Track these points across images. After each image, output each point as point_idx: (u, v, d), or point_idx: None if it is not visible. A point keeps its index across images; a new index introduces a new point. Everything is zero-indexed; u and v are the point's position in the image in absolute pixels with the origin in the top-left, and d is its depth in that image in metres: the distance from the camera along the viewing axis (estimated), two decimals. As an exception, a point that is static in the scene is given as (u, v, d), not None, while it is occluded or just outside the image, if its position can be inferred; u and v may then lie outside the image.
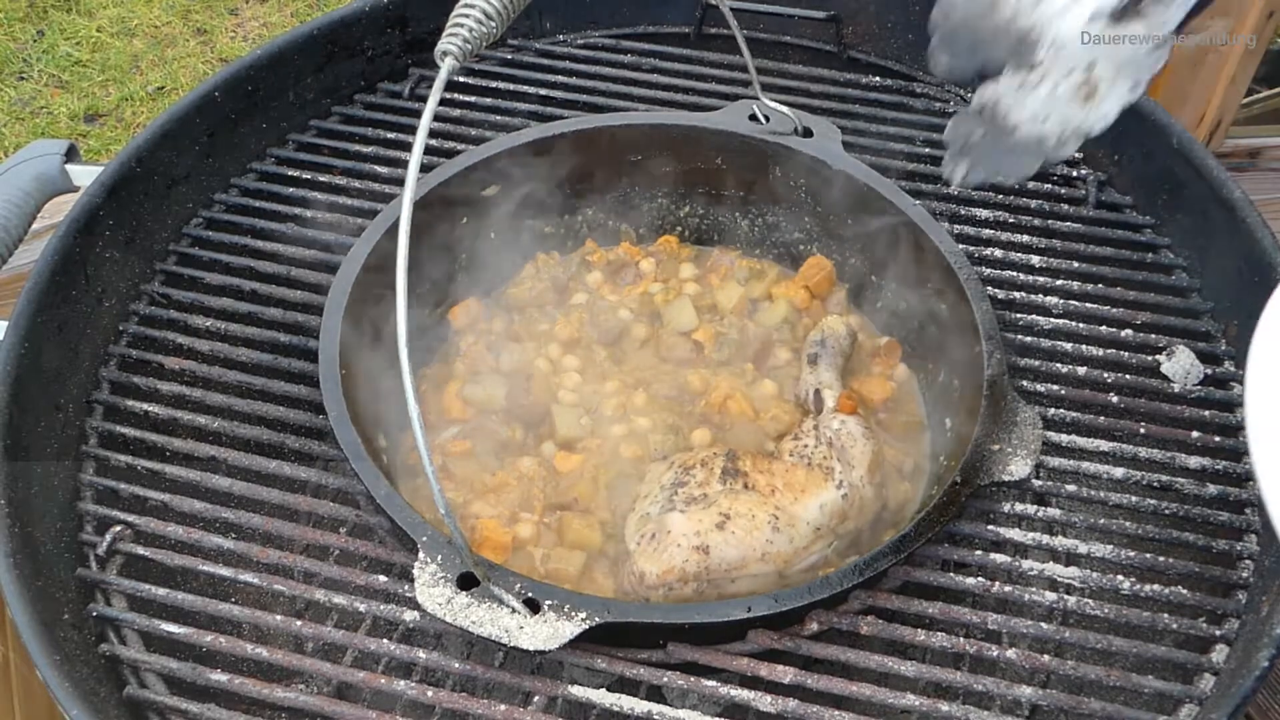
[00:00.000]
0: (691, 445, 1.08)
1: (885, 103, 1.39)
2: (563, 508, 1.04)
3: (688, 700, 0.92)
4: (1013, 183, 0.93)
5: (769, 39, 1.49)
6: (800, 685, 0.84)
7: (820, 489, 0.96)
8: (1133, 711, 0.84)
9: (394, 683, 0.86)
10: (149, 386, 1.09)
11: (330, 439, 0.96)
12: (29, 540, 0.94)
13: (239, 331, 1.14)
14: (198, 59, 3.09)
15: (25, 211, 1.22)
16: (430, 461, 0.76)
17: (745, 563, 0.91)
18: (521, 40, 1.48)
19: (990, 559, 0.94)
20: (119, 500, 1.02)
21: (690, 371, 1.15)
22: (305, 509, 0.99)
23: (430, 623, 0.85)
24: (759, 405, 1.12)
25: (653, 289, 1.23)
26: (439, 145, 1.31)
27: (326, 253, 1.19)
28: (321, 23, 1.37)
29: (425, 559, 0.83)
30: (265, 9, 3.26)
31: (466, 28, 0.81)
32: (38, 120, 2.89)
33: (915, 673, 0.86)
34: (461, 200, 1.19)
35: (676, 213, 1.31)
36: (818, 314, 1.21)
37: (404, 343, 0.75)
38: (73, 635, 0.90)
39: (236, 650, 0.89)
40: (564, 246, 1.30)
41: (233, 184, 1.30)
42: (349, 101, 1.41)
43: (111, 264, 1.16)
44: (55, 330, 1.07)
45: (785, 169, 1.21)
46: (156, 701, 0.89)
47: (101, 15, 3.22)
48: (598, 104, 1.38)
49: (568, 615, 0.81)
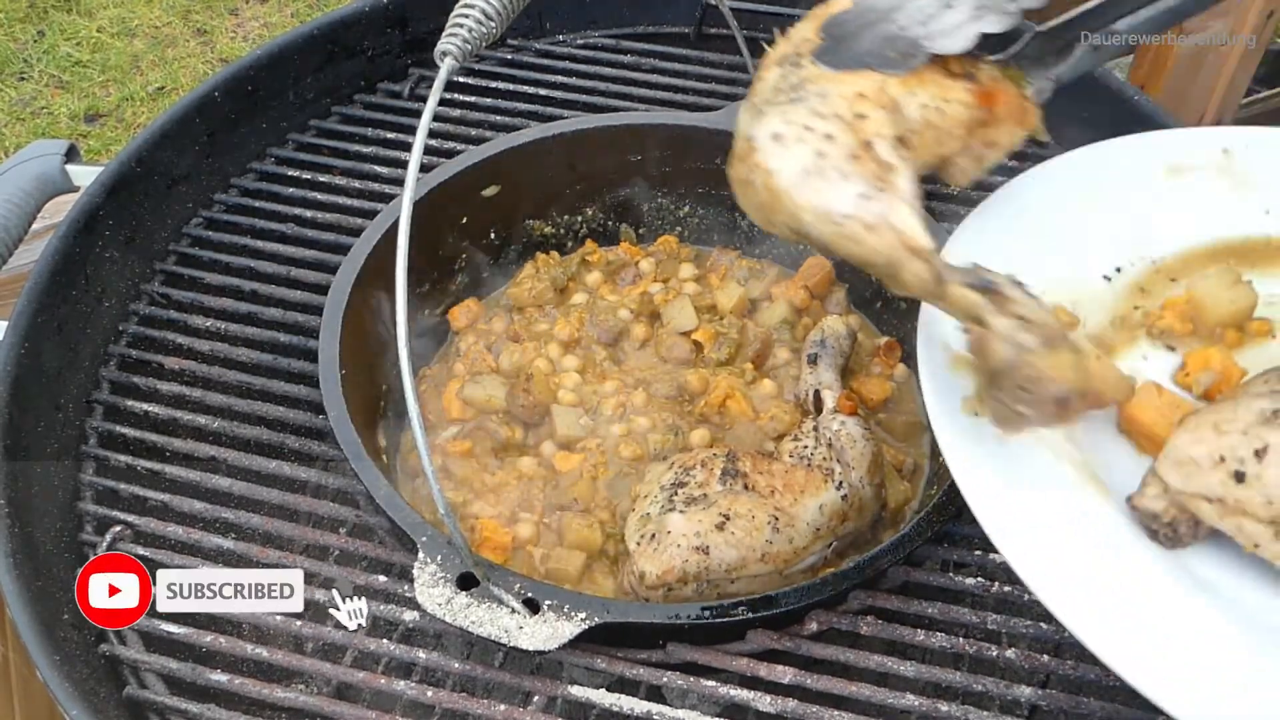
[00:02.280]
0: (691, 445, 1.08)
1: (885, 103, 1.39)
2: (563, 508, 1.04)
3: (687, 700, 0.92)
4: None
5: (769, 39, 1.48)
6: (800, 685, 0.84)
7: (820, 490, 0.96)
8: (1132, 711, 0.84)
9: (394, 683, 0.86)
10: (149, 386, 1.09)
11: (330, 439, 0.96)
12: (29, 540, 0.94)
13: (239, 331, 1.14)
14: (198, 59, 3.09)
15: (25, 211, 1.22)
16: (430, 461, 0.76)
17: (745, 563, 0.91)
18: (521, 40, 1.48)
19: (990, 559, 0.94)
20: (119, 500, 1.02)
21: (690, 371, 1.15)
22: (305, 509, 0.99)
23: (430, 623, 0.85)
24: (759, 405, 1.12)
25: (652, 289, 1.23)
26: (439, 145, 1.31)
27: (326, 253, 1.19)
28: (321, 23, 1.37)
29: (425, 559, 0.83)
30: (265, 9, 3.26)
31: (466, 28, 0.81)
32: (38, 120, 2.89)
33: (915, 673, 0.86)
34: (461, 200, 1.19)
35: (676, 213, 1.31)
36: (818, 314, 1.21)
37: (404, 343, 0.75)
38: (73, 635, 0.90)
39: (236, 650, 0.89)
40: (564, 246, 1.30)
41: (233, 184, 1.30)
42: (349, 101, 1.41)
43: (111, 264, 1.16)
44: (55, 330, 1.07)
45: (785, 169, 1.21)
46: (156, 701, 0.89)
47: (102, 15, 3.22)
48: (598, 104, 1.38)
49: (567, 615, 0.81)
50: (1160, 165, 1.00)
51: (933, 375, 0.82)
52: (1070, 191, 0.97)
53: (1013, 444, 0.78)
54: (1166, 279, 0.96)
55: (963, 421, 0.80)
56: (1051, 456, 0.80)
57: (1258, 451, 0.74)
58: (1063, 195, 0.97)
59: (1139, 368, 0.91)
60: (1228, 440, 0.75)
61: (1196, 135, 1.03)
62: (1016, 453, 0.79)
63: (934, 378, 0.82)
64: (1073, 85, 0.91)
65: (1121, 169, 0.99)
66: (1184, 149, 1.01)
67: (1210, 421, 0.77)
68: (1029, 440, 0.79)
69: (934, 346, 0.84)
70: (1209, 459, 0.75)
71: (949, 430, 0.79)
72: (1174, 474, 0.77)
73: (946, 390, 0.82)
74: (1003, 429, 0.77)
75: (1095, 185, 0.98)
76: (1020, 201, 0.95)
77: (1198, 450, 0.76)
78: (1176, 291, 0.95)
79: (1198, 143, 1.01)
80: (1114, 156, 1.00)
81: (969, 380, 0.81)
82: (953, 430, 0.79)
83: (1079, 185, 0.97)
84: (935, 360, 0.83)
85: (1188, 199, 0.98)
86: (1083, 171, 0.98)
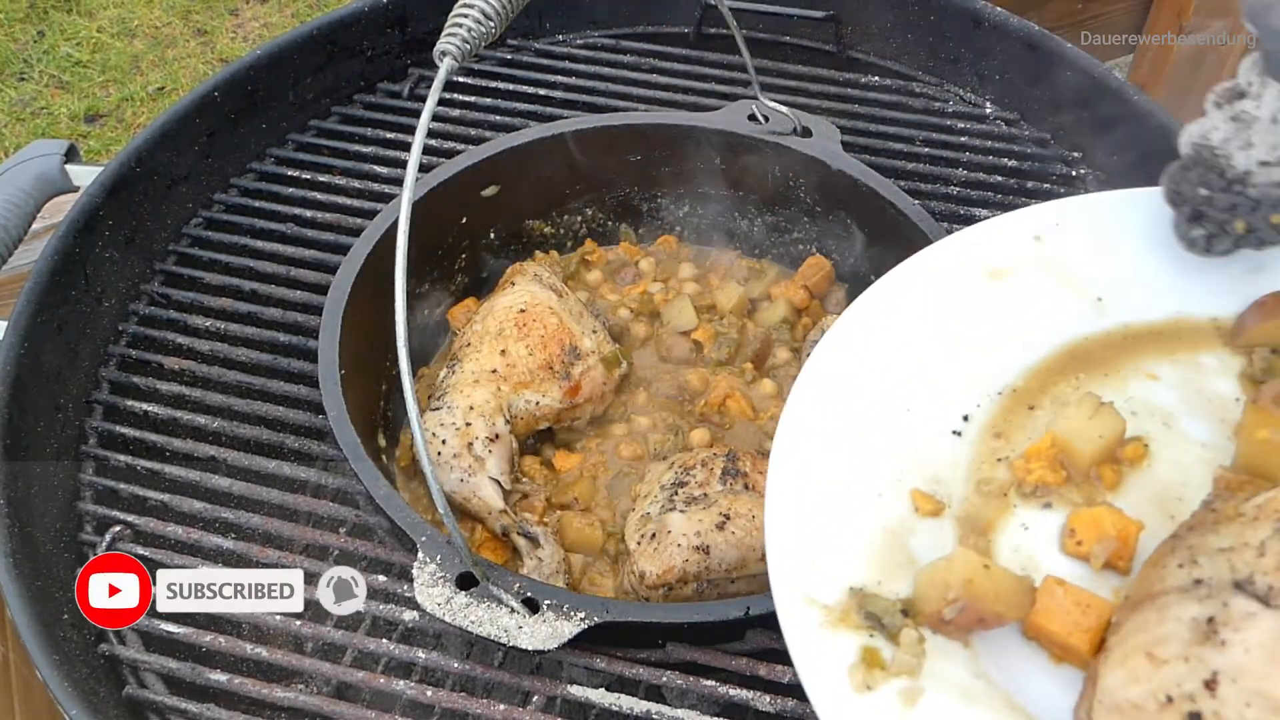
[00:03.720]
0: (691, 445, 1.08)
1: (884, 102, 1.39)
2: (563, 508, 1.04)
3: (686, 700, 0.92)
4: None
5: (768, 39, 1.49)
6: (799, 685, 0.84)
7: (820, 489, 0.96)
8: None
9: (393, 683, 0.86)
10: (149, 386, 1.09)
11: (330, 439, 0.96)
12: (29, 540, 0.94)
13: (239, 331, 1.14)
14: (198, 59, 3.09)
15: (25, 211, 1.22)
16: (429, 461, 0.76)
17: (745, 563, 0.91)
18: (521, 40, 1.48)
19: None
20: (119, 500, 1.02)
21: (690, 371, 1.15)
22: (305, 509, 0.99)
23: (430, 622, 0.85)
24: (758, 405, 1.12)
25: (652, 288, 1.23)
26: (439, 145, 1.31)
27: (326, 253, 1.19)
28: (321, 23, 1.37)
29: (424, 559, 0.83)
30: (265, 9, 3.26)
31: (465, 28, 0.81)
32: (38, 120, 2.89)
33: (914, 672, 0.86)
34: (461, 200, 1.19)
35: (676, 213, 1.31)
36: (817, 314, 1.21)
37: (404, 343, 0.75)
38: (73, 635, 0.90)
39: (236, 650, 0.89)
40: (564, 246, 1.30)
41: (232, 184, 1.30)
42: (348, 101, 1.41)
43: (111, 264, 1.16)
44: (55, 330, 1.07)
45: (784, 169, 1.21)
46: (156, 701, 0.89)
47: (102, 16, 3.22)
48: (598, 104, 1.37)
49: (567, 615, 0.81)
50: (979, 270, 0.92)
51: (806, 644, 0.72)
52: (897, 328, 0.89)
53: (915, 717, 0.69)
54: (1023, 409, 0.86)
55: (854, 701, 0.70)
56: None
57: (1207, 683, 0.63)
58: (891, 334, 0.88)
59: (1021, 542, 0.79)
60: (1169, 673, 0.64)
61: (1006, 225, 0.94)
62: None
63: (808, 651, 0.72)
64: (1072, 85, 0.90)
65: (942, 286, 0.91)
66: (998, 246, 0.93)
67: (1139, 647, 0.66)
68: (933, 702, 0.70)
69: (793, 603, 0.73)
70: (1153, 700, 0.64)
71: (839, 718, 0.69)
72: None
73: (826, 663, 0.72)
74: None
75: (919, 314, 0.89)
76: (846, 352, 0.87)
77: (1136, 692, 0.64)
78: (1035, 428, 0.85)
79: (1009, 235, 0.93)
80: (933, 270, 0.91)
81: (850, 641, 0.72)
82: (844, 717, 0.69)
83: (902, 319, 0.89)
84: (804, 624, 0.73)
85: (1016, 308, 0.90)
86: (903, 300, 0.90)
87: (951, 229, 0.97)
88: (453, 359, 1.09)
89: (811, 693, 0.70)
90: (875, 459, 0.82)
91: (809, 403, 0.84)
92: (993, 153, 1.33)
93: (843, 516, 0.79)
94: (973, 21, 1.39)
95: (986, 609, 0.71)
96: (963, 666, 0.72)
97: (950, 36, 1.41)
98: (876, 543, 0.78)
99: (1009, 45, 1.37)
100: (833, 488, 0.80)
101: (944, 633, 0.73)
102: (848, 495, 0.80)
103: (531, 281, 1.13)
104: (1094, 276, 0.92)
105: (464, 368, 1.05)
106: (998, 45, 1.38)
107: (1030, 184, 1.27)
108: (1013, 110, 1.39)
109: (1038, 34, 1.35)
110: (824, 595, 0.74)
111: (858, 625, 0.73)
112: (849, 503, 0.79)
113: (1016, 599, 0.72)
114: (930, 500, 0.81)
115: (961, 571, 0.71)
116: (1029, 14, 1.39)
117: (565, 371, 1.07)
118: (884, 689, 0.70)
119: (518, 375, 1.05)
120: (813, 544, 0.76)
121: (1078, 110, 1.32)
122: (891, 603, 0.74)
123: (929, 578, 0.73)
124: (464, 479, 0.99)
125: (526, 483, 1.05)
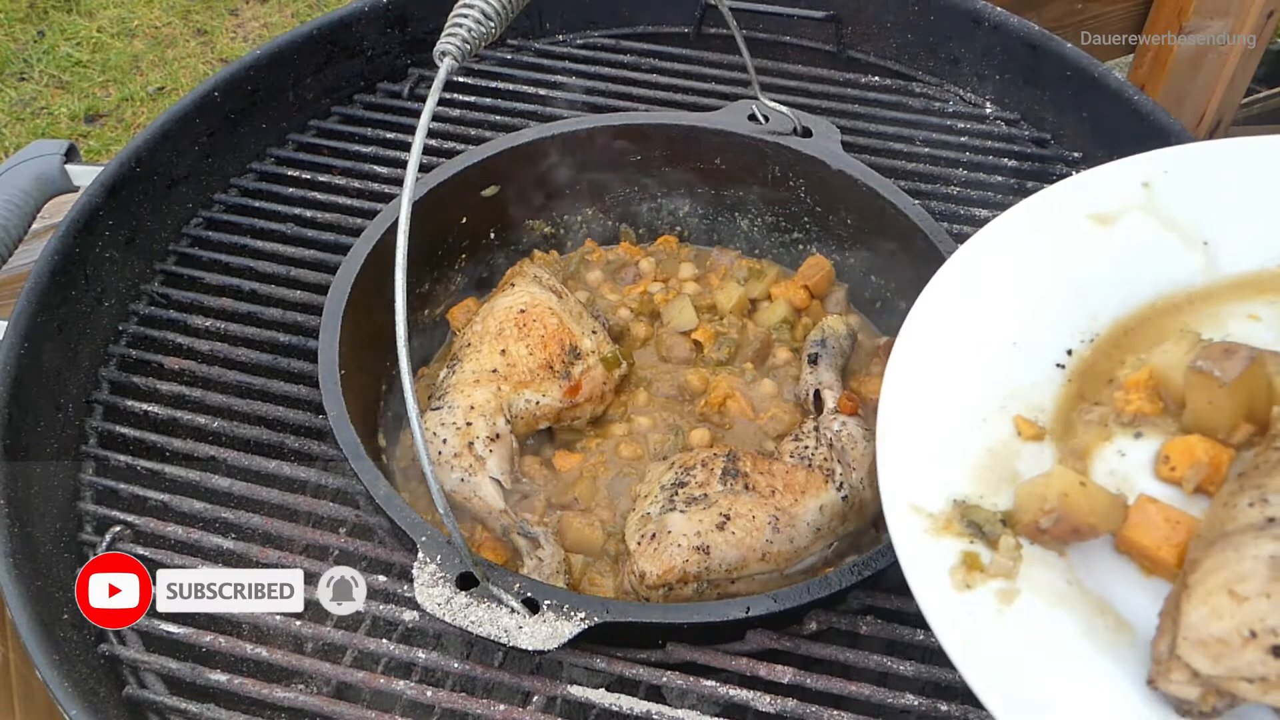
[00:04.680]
0: (691, 445, 1.08)
1: (884, 102, 1.40)
2: (563, 508, 1.04)
3: (687, 700, 0.92)
4: None
5: (769, 39, 1.49)
6: (799, 685, 0.84)
7: (820, 490, 0.96)
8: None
9: (393, 683, 0.86)
10: (149, 386, 1.09)
11: (330, 439, 0.96)
12: (29, 540, 0.94)
13: (239, 331, 1.14)
14: (198, 59, 3.09)
15: (25, 211, 1.22)
16: (429, 461, 0.76)
17: (745, 563, 0.91)
18: (521, 40, 1.48)
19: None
20: (119, 500, 1.02)
21: (690, 371, 1.15)
22: (305, 509, 0.99)
23: (430, 623, 0.85)
24: (758, 405, 1.12)
25: (653, 288, 1.23)
26: (439, 145, 1.31)
27: (326, 253, 1.19)
28: (321, 23, 1.37)
29: (424, 559, 0.83)
30: (265, 9, 3.26)
31: (465, 28, 0.81)
32: (38, 120, 2.89)
33: (914, 672, 0.86)
34: (461, 200, 1.19)
35: (676, 213, 1.31)
36: (817, 314, 1.21)
37: (404, 343, 0.75)
38: (73, 635, 0.90)
39: (236, 650, 0.89)
40: (564, 246, 1.30)
41: (232, 184, 1.30)
42: (349, 101, 1.41)
43: (111, 264, 1.16)
44: (55, 330, 1.07)
45: (784, 169, 1.21)
46: (156, 701, 0.89)
47: (102, 16, 3.22)
48: (598, 104, 1.37)
49: (567, 615, 0.81)
50: (1084, 215, 0.94)
51: (911, 547, 0.76)
52: (1002, 270, 0.92)
53: (1010, 614, 0.73)
54: (1124, 345, 0.90)
55: (954, 599, 0.73)
56: (1056, 623, 0.73)
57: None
58: (996, 276, 0.91)
59: (1117, 466, 0.83)
60: (1250, 609, 0.66)
61: (1114, 170, 0.96)
62: (1018, 626, 0.73)
63: (913, 553, 0.75)
64: (1072, 85, 0.90)
65: (1048, 230, 0.94)
66: (1106, 191, 0.95)
67: (1220, 584, 0.68)
68: (1027, 602, 0.73)
69: (900, 510, 0.77)
70: (1237, 636, 0.66)
71: (940, 612, 0.72)
72: (1200, 658, 0.67)
73: (929, 564, 0.75)
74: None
75: (1025, 256, 0.92)
76: (955, 290, 0.90)
77: (1221, 627, 0.67)
78: (1135, 363, 0.88)
79: (1117, 181, 0.96)
80: (1038, 215, 0.94)
81: (952, 546, 0.76)
82: (944, 611, 0.72)
83: (1009, 260, 0.92)
84: (910, 529, 0.77)
85: (1121, 251, 0.93)
86: (1009, 243, 0.93)
87: (951, 229, 0.97)
88: (453, 359, 1.09)
89: (916, 590, 0.74)
90: (982, 387, 0.86)
91: (922, 332, 0.88)
92: (993, 153, 1.33)
93: (949, 437, 0.83)
94: (973, 21, 1.39)
95: (1081, 520, 0.75)
96: (1058, 573, 0.76)
97: (950, 36, 1.42)
98: (980, 461, 0.82)
99: (1009, 45, 1.37)
100: (941, 411, 0.84)
101: (1040, 542, 0.77)
102: (955, 418, 0.84)
103: (531, 282, 1.13)
104: (1201, 222, 0.94)
105: (464, 367, 1.05)
106: (998, 45, 1.38)
107: (1030, 184, 1.27)
108: (1013, 110, 1.39)
109: (1038, 34, 1.35)
110: (930, 504, 0.78)
111: (959, 532, 0.77)
112: (956, 425, 0.84)
113: (1110, 513, 0.77)
114: (1032, 426, 0.85)
115: (1059, 486, 0.76)
116: (1029, 14, 1.39)
117: (565, 371, 1.07)
118: (982, 589, 0.74)
119: (518, 375, 1.05)
120: (921, 459, 0.81)
121: (1077, 110, 1.32)
122: (992, 513, 0.78)
123: (1028, 491, 0.77)
124: (464, 479, 0.99)
125: (526, 483, 1.05)
